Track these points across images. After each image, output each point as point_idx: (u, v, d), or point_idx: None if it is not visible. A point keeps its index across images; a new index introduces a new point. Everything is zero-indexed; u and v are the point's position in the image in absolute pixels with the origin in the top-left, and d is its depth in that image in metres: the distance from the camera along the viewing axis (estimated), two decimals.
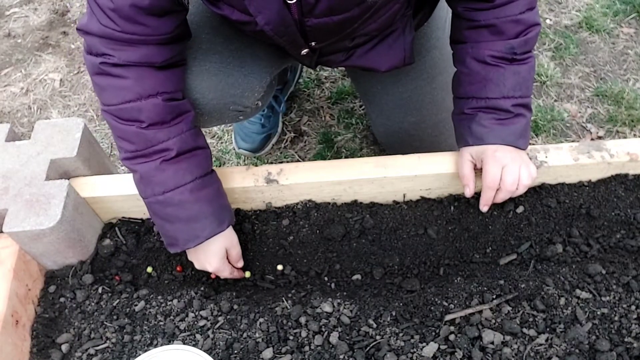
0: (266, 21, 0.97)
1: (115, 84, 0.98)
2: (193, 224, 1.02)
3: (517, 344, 0.94)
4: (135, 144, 1.00)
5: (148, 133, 0.99)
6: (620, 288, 1.01)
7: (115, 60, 0.96)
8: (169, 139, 1.00)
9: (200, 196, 1.02)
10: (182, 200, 1.01)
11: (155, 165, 1.00)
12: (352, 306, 1.02)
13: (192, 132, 1.04)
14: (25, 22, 2.31)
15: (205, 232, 1.03)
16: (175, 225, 1.03)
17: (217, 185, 1.08)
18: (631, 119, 1.80)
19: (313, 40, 1.06)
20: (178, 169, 1.01)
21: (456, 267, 1.13)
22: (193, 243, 1.03)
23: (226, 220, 1.06)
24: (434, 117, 1.34)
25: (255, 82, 1.22)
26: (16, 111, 2.01)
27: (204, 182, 1.03)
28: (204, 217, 1.03)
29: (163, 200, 1.01)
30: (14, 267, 1.04)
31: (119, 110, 0.99)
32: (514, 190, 1.06)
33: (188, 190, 1.01)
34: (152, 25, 0.95)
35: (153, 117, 0.99)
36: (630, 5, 2.12)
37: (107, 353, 1.00)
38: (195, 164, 1.03)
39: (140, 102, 0.98)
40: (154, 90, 0.99)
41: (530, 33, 1.03)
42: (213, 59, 1.15)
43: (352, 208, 1.18)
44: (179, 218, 1.02)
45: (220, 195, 1.07)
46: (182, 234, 1.03)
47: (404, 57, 1.17)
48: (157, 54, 0.98)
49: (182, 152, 1.02)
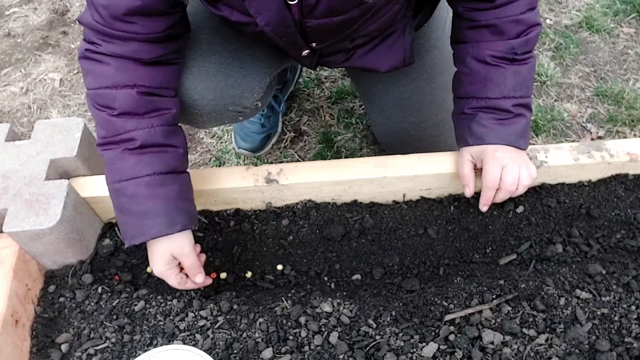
0: (266, 22, 0.97)
1: (96, 70, 0.99)
2: (142, 220, 0.99)
3: (517, 344, 0.94)
4: (106, 130, 1.00)
5: (117, 121, 0.99)
6: (620, 288, 1.01)
7: (101, 50, 0.97)
8: (136, 130, 0.99)
9: (156, 192, 0.99)
10: (136, 192, 0.98)
11: (118, 152, 0.99)
12: (352, 306, 1.02)
13: (164, 129, 1.02)
14: (25, 21, 2.31)
15: (152, 231, 0.98)
16: (126, 218, 1.00)
17: (182, 187, 1.03)
18: (631, 119, 1.80)
19: (313, 41, 1.06)
20: (139, 161, 0.99)
21: (456, 267, 1.13)
22: (138, 239, 0.99)
23: (178, 224, 0.99)
24: (434, 117, 1.34)
25: (254, 83, 1.21)
26: (16, 111, 2.01)
27: (164, 179, 1.00)
28: (154, 214, 0.98)
29: (119, 188, 1.00)
30: (14, 267, 1.04)
31: (95, 95, 1.00)
32: (513, 190, 1.06)
33: (144, 184, 0.98)
34: (142, 24, 0.96)
35: (124, 106, 0.98)
36: (630, 5, 2.12)
37: (106, 353, 1.00)
38: (160, 159, 1.00)
39: (115, 90, 0.98)
40: (131, 82, 0.98)
41: (530, 33, 1.03)
42: (212, 60, 1.15)
43: (352, 208, 1.18)
44: (130, 211, 0.99)
45: (180, 197, 1.02)
46: (130, 227, 1.00)
47: (403, 57, 1.17)
48: (146, 51, 0.98)
49: (147, 145, 0.99)
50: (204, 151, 1.84)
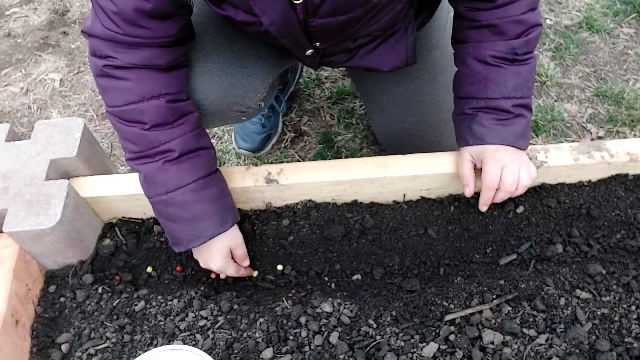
0: (271, 22, 0.97)
1: (117, 86, 0.98)
2: (196, 224, 1.02)
3: (517, 344, 0.94)
4: (139, 145, 1.01)
5: (150, 134, 0.99)
6: (620, 288, 1.01)
7: (118, 63, 0.97)
8: (172, 140, 1.00)
9: (202, 196, 1.02)
10: (185, 200, 1.01)
11: (157, 166, 1.00)
12: (352, 306, 1.02)
13: (195, 133, 1.04)
14: (25, 22, 2.31)
15: (208, 232, 1.03)
16: (178, 225, 1.03)
17: (221, 185, 1.08)
18: (631, 119, 1.80)
19: (317, 40, 1.06)
20: (180, 170, 1.01)
21: (456, 267, 1.13)
22: (196, 242, 1.03)
23: (229, 220, 1.06)
24: (435, 117, 1.34)
25: (257, 83, 1.22)
26: (16, 111, 2.01)
27: (206, 182, 1.03)
28: (206, 217, 1.03)
29: (166, 200, 1.02)
30: (14, 267, 1.04)
31: (121, 112, 0.99)
32: (513, 191, 1.06)
33: (190, 191, 1.01)
34: (155, 28, 0.95)
35: (155, 118, 0.99)
36: (631, 5, 2.12)
37: (107, 353, 1.00)
38: (198, 164, 1.03)
39: (142, 103, 0.98)
40: (156, 92, 0.99)
41: (531, 34, 1.03)
42: (216, 60, 1.15)
43: (352, 208, 1.18)
44: (181, 218, 1.02)
45: (223, 195, 1.07)
46: (184, 234, 1.04)
47: (406, 57, 1.17)
48: (161, 57, 0.99)
49: (185, 153, 1.02)
50: None
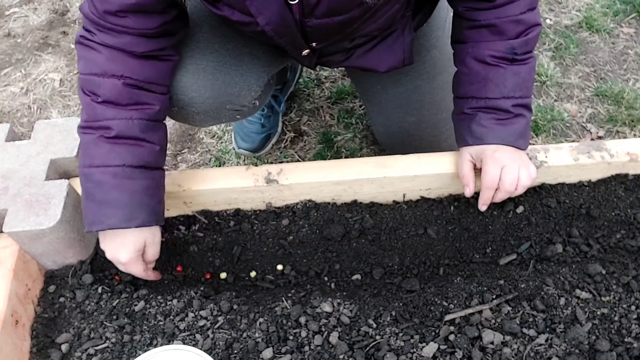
0: (267, 22, 0.97)
1: (88, 56, 1.00)
2: (103, 208, 0.99)
3: (517, 344, 0.94)
4: (87, 115, 1.01)
5: (99, 107, 1.00)
6: (620, 288, 1.01)
7: (95, 39, 0.99)
8: (115, 119, 1.00)
9: (122, 184, 0.99)
10: (102, 180, 0.99)
11: (93, 138, 1.00)
12: (352, 306, 1.02)
13: (143, 123, 1.02)
14: (25, 21, 2.31)
15: (110, 221, 0.98)
16: (88, 203, 1.01)
17: (150, 183, 1.03)
18: (631, 119, 1.80)
19: (313, 40, 1.06)
20: (112, 150, 0.99)
21: (456, 267, 1.13)
22: (96, 227, 0.99)
23: (138, 219, 1.00)
24: (434, 117, 1.34)
25: (252, 82, 1.21)
26: (16, 111, 2.01)
27: (133, 172, 1.00)
28: (115, 205, 0.99)
29: (87, 173, 1.00)
30: (14, 267, 1.04)
31: (84, 80, 1.01)
32: (512, 191, 1.06)
33: (111, 173, 0.99)
34: (135, 20, 0.97)
35: (108, 95, 0.99)
36: (630, 5, 2.12)
37: (106, 353, 1.00)
38: (133, 152, 1.01)
39: (101, 78, 0.99)
40: (118, 72, 0.99)
41: (531, 33, 1.03)
42: (210, 58, 1.15)
43: (352, 208, 1.18)
44: (94, 197, 1.00)
45: (146, 194, 1.02)
46: (90, 214, 1.00)
47: (403, 57, 1.17)
48: (138, 44, 0.99)
49: (122, 136, 1.00)
50: (204, 151, 1.84)
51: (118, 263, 1.04)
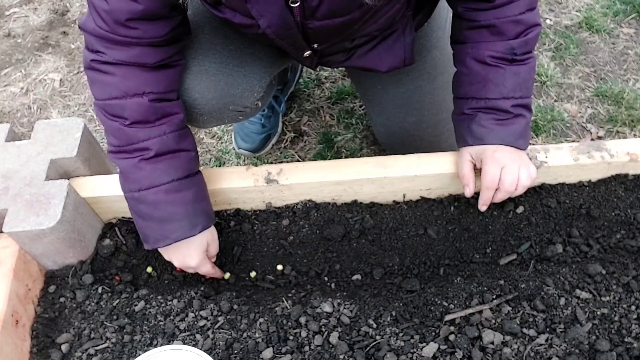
0: (268, 24, 0.97)
1: (103, 80, 1.00)
2: (165, 225, 1.02)
3: (517, 344, 0.94)
4: (118, 140, 1.02)
5: (129, 131, 1.00)
6: (620, 288, 1.01)
7: (106, 58, 0.98)
8: (149, 139, 1.00)
9: (175, 198, 1.02)
10: (156, 200, 1.01)
11: (134, 162, 1.01)
12: (352, 306, 1.02)
13: (175, 134, 1.04)
14: (25, 22, 2.31)
15: (175, 235, 1.02)
16: (147, 223, 1.03)
17: (197, 189, 1.06)
18: (631, 119, 1.80)
19: (315, 42, 1.06)
20: (155, 169, 1.01)
21: (456, 267, 1.13)
22: (162, 243, 1.03)
23: (199, 225, 1.04)
24: (435, 117, 1.34)
25: (254, 82, 1.22)
26: (16, 111, 2.01)
27: (181, 184, 1.03)
28: (176, 219, 1.02)
29: (138, 197, 1.02)
30: (14, 267, 1.04)
31: (105, 105, 1.01)
32: (512, 191, 1.06)
33: (163, 191, 1.01)
34: (144, 29, 0.96)
35: (136, 116, 1.00)
36: (630, 5, 2.12)
37: (107, 353, 1.00)
38: (174, 166, 1.03)
39: (124, 100, 0.99)
40: (139, 90, 0.99)
41: (530, 34, 1.03)
42: (213, 59, 1.15)
43: (352, 208, 1.18)
44: (151, 217, 1.02)
45: (198, 199, 1.06)
46: (152, 232, 1.03)
47: (404, 57, 1.17)
48: (150, 55, 0.99)
49: (161, 153, 1.01)
50: (204, 151, 1.84)
51: (188, 268, 1.08)
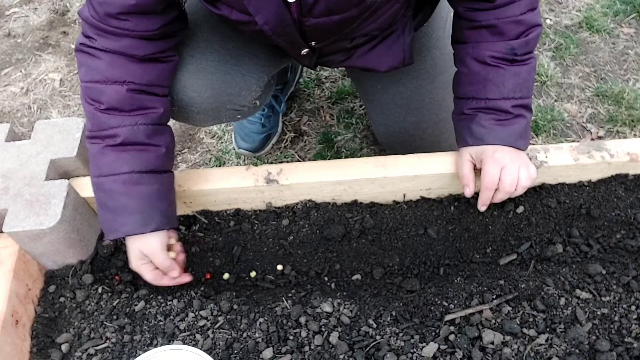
0: (265, 21, 0.97)
1: (89, 63, 1.00)
2: (116, 217, 1.00)
3: (517, 344, 0.94)
4: (92, 124, 1.02)
5: (102, 116, 1.00)
6: (620, 288, 1.01)
7: (95, 44, 0.98)
8: (119, 127, 1.00)
9: (132, 191, 1.00)
10: (112, 189, 1.00)
11: (100, 147, 1.01)
12: (352, 306, 1.02)
13: (148, 128, 1.02)
14: (25, 22, 2.31)
15: (124, 228, 1.00)
16: (102, 212, 1.03)
17: (160, 187, 1.03)
18: (631, 119, 1.80)
19: (312, 40, 1.06)
20: (118, 158, 1.00)
21: (456, 267, 1.13)
22: (113, 235, 1.01)
23: (152, 223, 1.00)
24: (435, 117, 1.34)
25: (252, 81, 1.22)
26: (16, 111, 2.01)
27: (142, 178, 1.01)
28: (127, 212, 1.00)
29: (96, 183, 1.02)
30: (14, 267, 1.04)
31: (87, 88, 1.01)
32: (512, 191, 1.06)
33: (120, 181, 1.00)
34: (136, 22, 0.96)
35: (112, 102, 0.99)
36: (631, 5, 2.12)
37: (107, 353, 1.00)
38: (140, 158, 1.01)
39: (104, 85, 0.99)
40: (121, 78, 0.99)
41: (531, 34, 1.03)
42: (210, 58, 1.15)
43: (352, 208, 1.18)
44: (106, 206, 1.01)
45: (158, 198, 1.02)
46: (105, 222, 1.02)
47: (403, 57, 1.17)
48: (139, 48, 0.99)
49: (128, 142, 1.00)
50: (204, 151, 1.84)
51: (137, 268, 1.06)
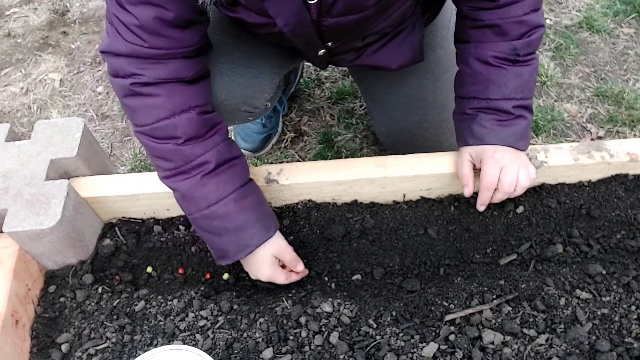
0: (285, 22, 0.97)
1: (147, 103, 0.97)
2: (241, 234, 1.01)
3: (517, 344, 0.94)
4: (174, 162, 0.99)
5: (185, 149, 0.98)
6: (620, 288, 1.01)
7: (145, 79, 0.95)
8: (206, 152, 0.99)
9: (244, 205, 1.01)
10: (227, 211, 1.00)
11: (196, 180, 0.99)
12: (352, 306, 1.02)
13: (226, 144, 1.03)
14: (25, 22, 2.31)
15: (254, 240, 1.02)
16: (223, 238, 1.02)
17: (258, 192, 1.06)
18: (631, 119, 1.80)
19: (329, 40, 1.06)
20: (219, 182, 1.00)
21: (456, 267, 1.13)
22: (244, 253, 1.02)
23: (272, 226, 1.05)
24: (437, 117, 1.34)
25: (265, 83, 1.22)
26: (16, 111, 2.01)
27: (245, 191, 1.02)
28: (250, 225, 1.01)
29: (208, 214, 1.00)
30: (14, 267, 1.04)
31: (153, 130, 0.98)
32: (511, 192, 1.06)
33: (232, 201, 1.00)
34: (178, 38, 0.94)
35: (189, 132, 0.98)
36: (631, 5, 2.12)
37: (107, 353, 1.00)
38: (234, 174, 1.02)
39: (174, 118, 0.97)
40: (186, 105, 0.98)
41: (533, 35, 1.03)
42: (224, 60, 1.15)
43: (352, 208, 1.18)
44: (226, 230, 1.01)
45: (262, 203, 1.06)
46: (231, 245, 1.02)
47: (413, 55, 1.17)
48: (186, 68, 0.98)
49: (220, 164, 1.01)
50: None
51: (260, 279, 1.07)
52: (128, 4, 0.90)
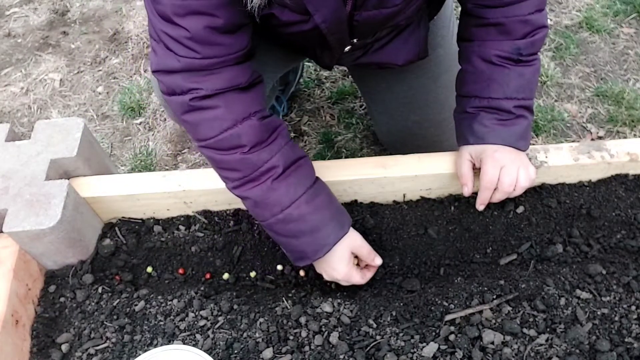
0: (323, 19, 0.96)
1: (208, 116, 0.96)
2: (317, 234, 1.00)
3: (517, 344, 0.94)
4: (242, 171, 0.98)
5: (252, 156, 0.97)
6: (620, 288, 1.01)
7: (203, 93, 0.94)
8: (272, 157, 0.98)
9: (316, 205, 1.00)
10: (301, 213, 0.99)
11: (266, 186, 0.98)
12: (352, 306, 1.02)
13: (290, 145, 1.02)
14: (25, 22, 2.31)
15: (330, 239, 1.01)
16: (300, 240, 1.01)
17: (327, 190, 1.05)
18: (631, 119, 1.80)
19: (356, 36, 1.06)
20: (289, 184, 0.99)
21: (456, 267, 1.13)
22: (322, 252, 1.01)
23: (346, 222, 1.04)
24: (438, 116, 1.34)
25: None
26: (16, 111, 2.01)
27: (315, 190, 1.01)
28: (325, 224, 1.00)
29: (283, 218, 0.99)
30: (14, 267, 1.04)
31: (218, 142, 0.97)
32: (511, 192, 1.06)
33: (304, 203, 0.99)
34: (230, 44, 0.93)
35: (253, 139, 0.97)
36: (631, 5, 2.12)
37: (107, 353, 1.00)
38: (303, 174, 1.01)
39: (237, 127, 0.96)
40: (246, 113, 0.97)
41: (537, 35, 1.03)
42: None
43: (352, 208, 1.18)
44: (303, 232, 1.00)
45: (332, 200, 1.05)
46: (309, 246, 1.01)
47: (418, 50, 1.17)
48: (240, 74, 0.97)
49: (288, 166, 1.00)
50: None
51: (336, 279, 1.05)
52: (176, 16, 0.88)
